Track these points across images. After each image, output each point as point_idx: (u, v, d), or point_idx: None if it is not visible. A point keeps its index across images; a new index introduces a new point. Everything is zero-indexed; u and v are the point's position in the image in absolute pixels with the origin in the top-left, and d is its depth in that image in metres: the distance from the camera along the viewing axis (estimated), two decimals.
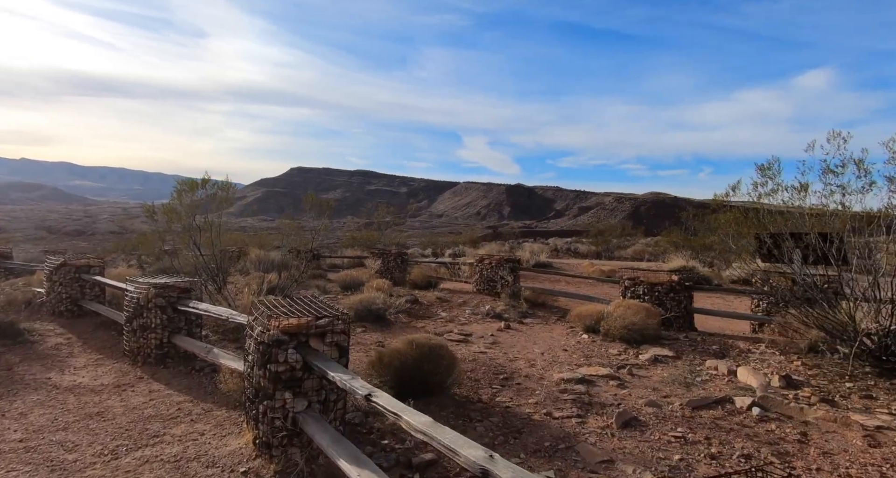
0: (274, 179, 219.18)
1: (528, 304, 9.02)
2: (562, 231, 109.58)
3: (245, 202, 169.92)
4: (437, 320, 8.24)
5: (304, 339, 3.27)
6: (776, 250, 6.34)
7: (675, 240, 17.07)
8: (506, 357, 5.97)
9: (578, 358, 5.93)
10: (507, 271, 9.68)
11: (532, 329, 7.72)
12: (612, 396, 4.53)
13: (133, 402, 4.30)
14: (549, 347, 6.54)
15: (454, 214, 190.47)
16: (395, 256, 11.97)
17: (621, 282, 7.82)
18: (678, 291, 7.10)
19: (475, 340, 6.89)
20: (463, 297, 10.10)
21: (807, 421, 3.72)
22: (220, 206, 7.27)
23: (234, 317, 4.52)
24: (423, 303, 9.42)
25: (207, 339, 6.39)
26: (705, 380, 4.94)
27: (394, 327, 7.67)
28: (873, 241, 5.37)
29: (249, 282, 9.38)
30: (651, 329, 6.48)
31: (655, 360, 5.72)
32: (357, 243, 23.15)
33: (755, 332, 6.96)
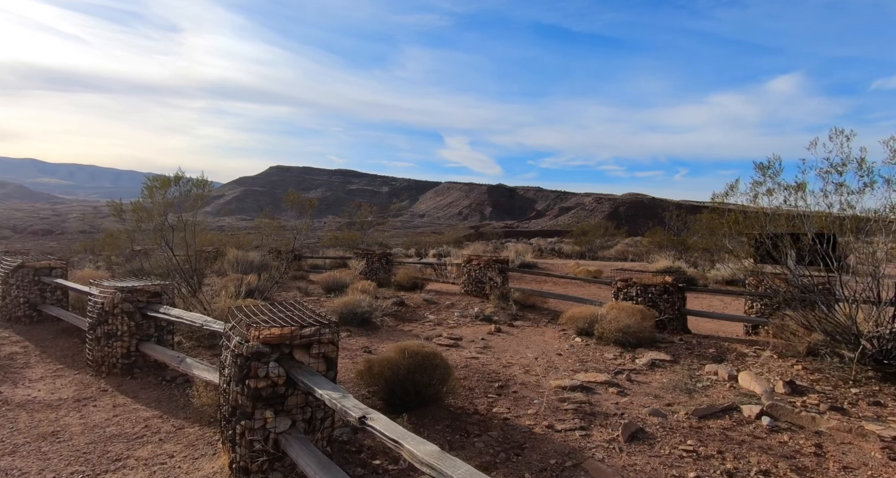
0: (252, 178, 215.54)
1: (518, 306, 8.80)
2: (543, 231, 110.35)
3: (222, 201, 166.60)
4: (425, 324, 7.95)
5: (287, 350, 2.95)
6: (774, 252, 6.24)
7: (659, 240, 17.12)
8: (499, 363, 5.72)
9: (574, 363, 5.71)
10: (495, 272, 9.44)
11: (523, 332, 7.49)
12: (614, 404, 4.31)
13: (94, 419, 3.90)
14: (542, 351, 6.31)
15: (436, 214, 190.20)
16: (379, 256, 11.63)
17: (613, 283, 7.65)
18: (672, 292, 6.96)
19: (466, 345, 6.62)
20: (450, 298, 9.83)
21: (819, 431, 3.55)
22: (196, 204, 6.84)
23: (209, 324, 4.15)
24: (409, 305, 9.11)
25: (180, 346, 5.98)
26: (706, 386, 4.77)
27: (380, 331, 7.35)
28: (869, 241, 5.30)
29: (227, 284, 8.93)
30: (646, 332, 6.31)
31: (653, 364, 5.54)
32: (339, 243, 22.66)
33: (748, 334, 6.86)
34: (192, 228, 7.04)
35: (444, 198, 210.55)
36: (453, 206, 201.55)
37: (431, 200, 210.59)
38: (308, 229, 8.15)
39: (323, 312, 3.56)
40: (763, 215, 5.87)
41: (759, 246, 6.65)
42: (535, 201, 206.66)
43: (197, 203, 6.97)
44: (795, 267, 6.31)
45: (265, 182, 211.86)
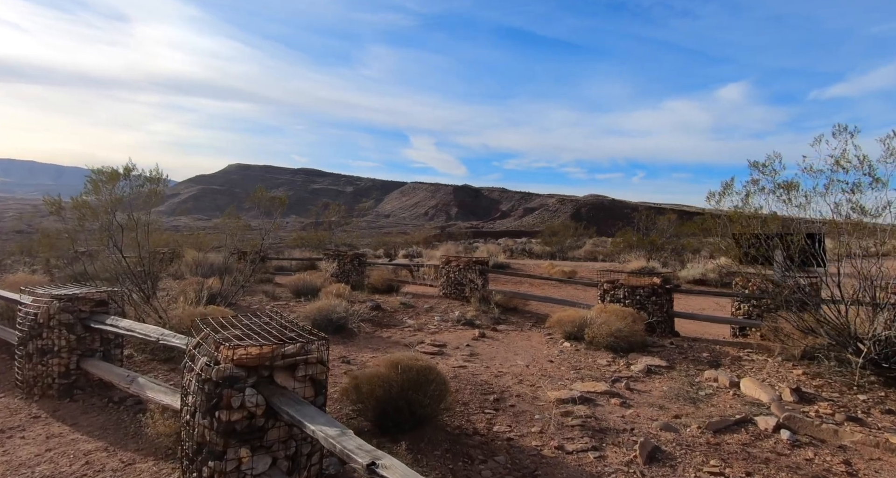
0: (210, 176, 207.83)
1: (500, 309, 8.46)
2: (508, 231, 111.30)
3: (178, 200, 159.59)
4: (405, 329, 7.49)
5: (266, 373, 2.45)
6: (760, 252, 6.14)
7: (629, 240, 17.26)
8: (489, 372, 5.34)
9: (567, 371, 5.40)
10: (476, 274, 9.07)
11: (508, 337, 7.15)
12: (620, 418, 4.00)
13: (21, 455, 3.24)
14: (532, 358, 5.98)
15: (402, 214, 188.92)
16: (351, 258, 11.05)
17: (600, 285, 7.43)
18: (661, 294, 6.79)
19: (451, 352, 6.21)
20: (429, 301, 9.38)
21: (844, 446, 3.35)
22: (150, 201, 6.13)
23: (166, 338, 3.57)
24: (386, 310, 8.61)
25: (131, 361, 5.30)
26: (709, 394, 4.55)
27: (357, 338, 6.84)
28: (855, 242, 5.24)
29: (185, 288, 8.16)
30: (638, 336, 6.09)
31: (649, 371, 5.30)
32: (305, 244, 21.77)
33: (736, 336, 6.76)
34: (144, 227, 6.31)
35: (410, 198, 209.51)
36: (419, 206, 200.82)
37: (397, 201, 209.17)
38: (277, 229, 7.52)
39: (300, 323, 3.08)
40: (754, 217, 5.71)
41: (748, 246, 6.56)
42: (500, 202, 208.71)
43: (151, 200, 6.25)
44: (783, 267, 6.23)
45: (224, 181, 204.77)
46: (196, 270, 10.81)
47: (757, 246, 6.00)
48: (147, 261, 6.81)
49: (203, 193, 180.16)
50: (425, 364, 3.64)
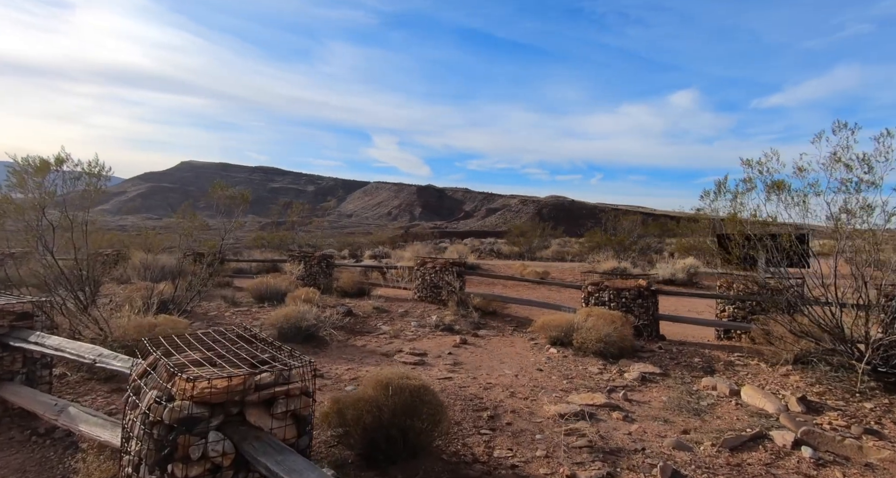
0: (160, 174, 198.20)
1: (479, 313, 8.07)
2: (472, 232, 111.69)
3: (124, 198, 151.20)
4: (380, 336, 6.97)
5: (235, 410, 1.94)
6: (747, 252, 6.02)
7: (598, 241, 17.33)
8: (477, 384, 4.92)
9: (559, 380, 5.06)
10: (453, 276, 8.65)
11: (491, 343, 6.76)
12: (627, 435, 3.68)
13: None
14: (519, 366, 5.62)
15: (364, 214, 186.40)
16: (318, 259, 10.38)
17: (584, 287, 7.16)
18: (647, 296, 6.58)
19: (433, 361, 5.77)
20: (403, 305, 8.88)
21: (870, 464, 3.14)
22: (89, 197, 5.36)
23: (104, 360, 2.96)
24: (358, 315, 8.05)
25: (64, 381, 4.57)
26: (711, 404, 4.31)
27: (330, 348, 6.28)
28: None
29: (132, 295, 7.34)
30: (627, 341, 5.84)
31: (643, 378, 5.04)
32: (265, 245, 20.72)
33: (720, 338, 6.64)
34: (82, 226, 5.53)
35: (373, 198, 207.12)
36: (382, 206, 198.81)
37: (360, 200, 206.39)
38: (240, 228, 6.85)
39: (273, 340, 2.58)
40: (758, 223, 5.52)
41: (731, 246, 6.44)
42: (463, 202, 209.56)
43: (90, 196, 5.47)
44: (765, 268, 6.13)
45: (175, 178, 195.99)
46: (145, 274, 9.88)
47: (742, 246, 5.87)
48: (86, 264, 6.01)
49: (153, 191, 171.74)
50: (419, 384, 3.18)
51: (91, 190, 5.34)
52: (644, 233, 18.46)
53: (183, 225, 6.51)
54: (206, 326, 7.01)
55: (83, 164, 5.31)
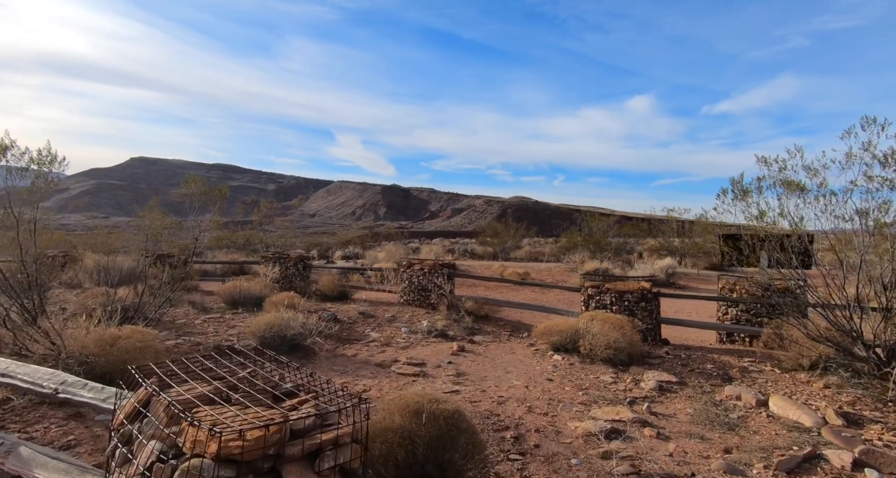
0: (108, 170, 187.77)
1: (472, 317, 7.69)
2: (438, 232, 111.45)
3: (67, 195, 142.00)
4: (371, 345, 6.47)
5: (267, 465, 1.47)
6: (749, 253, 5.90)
7: (575, 241, 17.33)
8: (489, 398, 4.54)
9: (573, 391, 4.75)
10: (443, 279, 8.23)
11: (490, 350, 6.40)
12: (668, 457, 3.38)
13: None
14: (527, 376, 5.27)
15: (328, 214, 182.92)
16: (295, 261, 9.72)
17: (583, 290, 6.90)
18: (650, 299, 6.38)
19: (434, 372, 5.34)
20: (389, 310, 8.39)
21: None
22: (37, 190, 4.62)
23: (70, 390, 2.42)
24: (343, 321, 7.51)
25: (7, 408, 3.87)
26: (742, 417, 4.08)
27: (318, 359, 5.74)
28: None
29: (87, 302, 6.53)
30: (636, 347, 5.60)
31: (661, 388, 4.79)
32: (229, 245, 19.62)
33: (723, 342, 6.52)
34: (29, 224, 4.79)
35: (337, 197, 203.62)
36: (346, 205, 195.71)
37: (323, 199, 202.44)
38: (217, 226, 6.19)
39: (285, 360, 2.12)
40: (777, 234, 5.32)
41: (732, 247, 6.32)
42: (429, 202, 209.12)
43: (40, 190, 4.73)
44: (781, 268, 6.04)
45: (125, 175, 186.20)
46: (99, 278, 8.96)
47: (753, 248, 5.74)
48: (33, 267, 5.23)
49: (99, 188, 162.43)
50: (452, 408, 2.75)
51: (41, 183, 4.61)
52: (618, 234, 18.65)
53: (151, 224, 5.79)
54: (176, 336, 6.32)
55: (31, 153, 4.57)
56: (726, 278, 6.43)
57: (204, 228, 6.04)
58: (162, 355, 4.93)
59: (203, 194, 5.91)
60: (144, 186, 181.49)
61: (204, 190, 5.84)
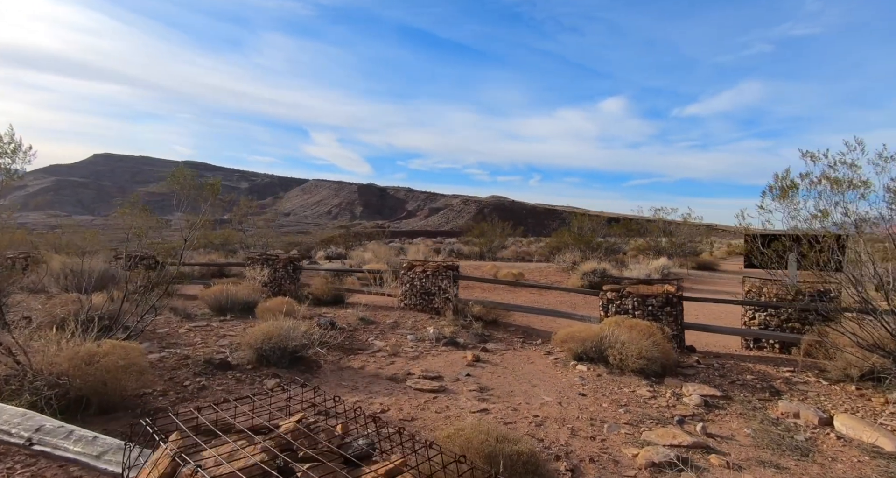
0: (70, 167, 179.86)
1: (480, 322, 7.23)
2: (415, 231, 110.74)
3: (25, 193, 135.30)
4: (377, 355, 5.95)
5: None
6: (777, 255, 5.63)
7: (566, 240, 17.10)
8: (523, 418, 4.09)
9: (612, 408, 4.34)
10: (448, 282, 7.74)
11: (506, 360, 5.95)
12: None
13: None
14: (556, 390, 4.84)
15: (303, 213, 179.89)
16: (284, 263, 9.07)
17: (602, 294, 6.53)
18: (675, 303, 6.05)
19: (453, 387, 4.86)
20: (390, 315, 7.85)
21: None
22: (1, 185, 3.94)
23: (49, 440, 1.86)
24: (343, 328, 6.95)
25: None
26: (809, 439, 3.73)
27: (323, 372, 5.19)
28: None
29: (54, 310, 5.80)
30: (670, 356, 5.25)
31: (706, 404, 4.42)
32: (206, 245, 18.63)
33: (749, 348, 6.24)
34: None
35: (312, 196, 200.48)
36: (322, 204, 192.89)
37: (298, 198, 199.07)
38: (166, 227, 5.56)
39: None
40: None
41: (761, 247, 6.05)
42: (405, 201, 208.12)
43: (2, 184, 4.05)
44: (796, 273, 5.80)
45: (88, 172, 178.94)
46: (67, 283, 8.13)
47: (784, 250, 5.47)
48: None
49: (60, 185, 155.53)
50: (528, 450, 2.28)
51: (2, 175, 3.92)
52: (609, 233, 18.53)
53: (134, 223, 5.09)
54: (160, 348, 5.65)
55: None
56: (752, 281, 6.15)
57: (194, 227, 5.39)
58: (148, 374, 4.31)
59: (192, 189, 5.27)
60: (109, 183, 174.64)
61: (193, 185, 5.20)
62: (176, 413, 1.84)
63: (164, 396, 4.37)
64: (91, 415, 3.85)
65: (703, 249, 23.03)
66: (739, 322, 6.78)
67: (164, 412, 4.13)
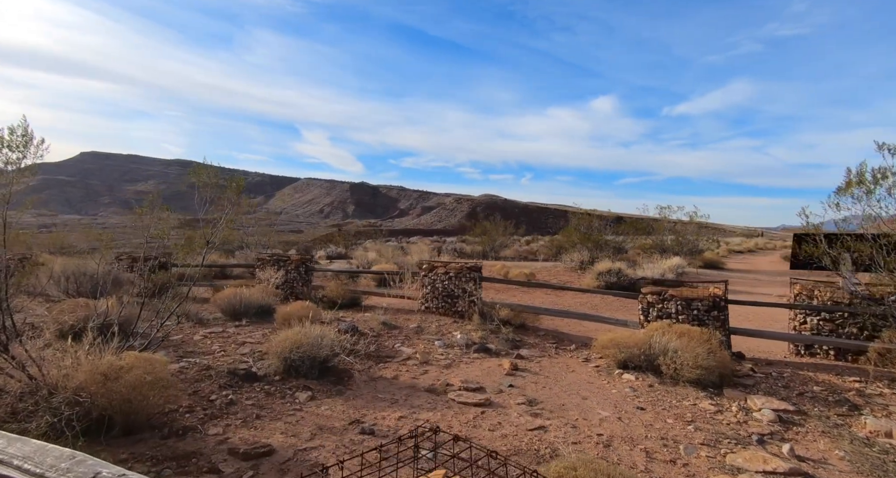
0: (57, 165, 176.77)
1: (509, 327, 6.91)
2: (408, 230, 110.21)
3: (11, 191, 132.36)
4: (408, 363, 5.60)
5: None
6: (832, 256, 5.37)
7: (573, 239, 16.82)
8: (585, 436, 3.77)
9: (679, 425, 4.03)
10: (473, 284, 7.41)
11: (544, 368, 5.63)
12: None
13: None
14: (610, 403, 4.53)
15: (295, 212, 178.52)
16: (296, 264, 8.67)
17: (642, 297, 6.24)
18: (722, 307, 5.77)
19: (499, 400, 4.53)
20: (411, 318, 7.50)
21: None
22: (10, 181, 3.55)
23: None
24: (366, 333, 6.59)
25: None
26: None
27: (356, 383, 4.83)
28: None
29: (62, 317, 5.38)
30: (726, 365, 4.96)
31: (780, 419, 4.13)
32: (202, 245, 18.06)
33: (801, 354, 5.95)
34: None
35: (304, 194, 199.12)
36: (314, 203, 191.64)
37: (289, 197, 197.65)
38: (232, 224, 5.18)
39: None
40: None
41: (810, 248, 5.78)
42: (398, 200, 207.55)
43: (11, 179, 3.65)
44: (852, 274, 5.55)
45: (76, 170, 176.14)
46: (67, 286, 7.68)
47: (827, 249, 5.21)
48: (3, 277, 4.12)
49: (47, 184, 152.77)
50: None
51: (12, 170, 3.52)
52: (617, 232, 18.29)
53: (161, 224, 4.68)
54: (177, 357, 5.26)
55: (2, 132, 3.47)
56: (801, 283, 5.88)
57: (219, 227, 5.00)
58: (177, 390, 3.93)
59: (214, 187, 4.88)
60: (97, 182, 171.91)
61: (215, 182, 4.81)
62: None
63: (190, 412, 3.99)
64: (115, 437, 3.47)
65: (707, 248, 22.92)
66: (779, 325, 6.52)
67: (194, 432, 3.77)
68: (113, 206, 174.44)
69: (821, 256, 5.07)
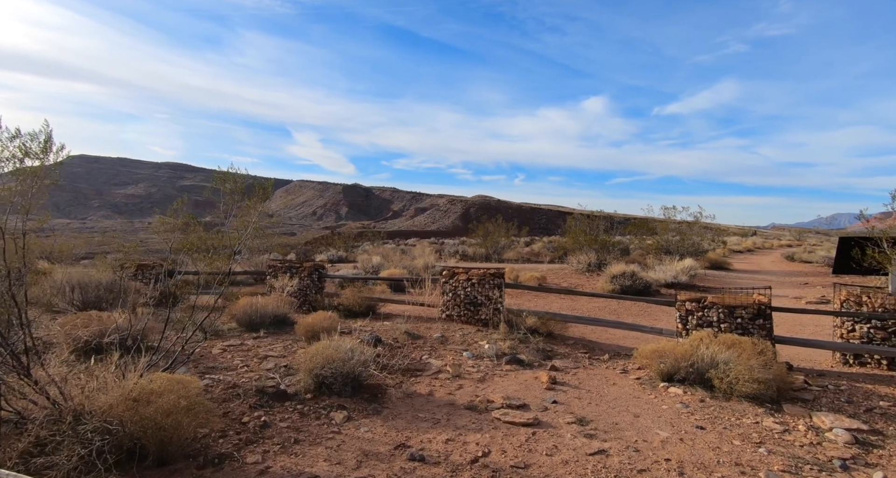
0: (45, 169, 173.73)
1: (539, 336, 6.66)
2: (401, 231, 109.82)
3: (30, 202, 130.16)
4: (440, 377, 5.33)
5: None
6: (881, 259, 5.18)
7: (580, 240, 16.61)
8: (651, 462, 3.51)
9: (748, 448, 3.75)
10: (498, 291, 7.15)
11: (583, 381, 5.39)
12: None
13: None
14: (665, 421, 4.28)
15: (287, 214, 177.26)
16: (309, 271, 8.36)
17: (679, 305, 6.02)
18: (767, 315, 5.56)
19: (546, 418, 4.27)
20: (432, 327, 7.22)
21: None
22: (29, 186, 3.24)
23: None
24: (390, 344, 6.31)
25: None
26: None
27: (392, 401, 4.55)
28: None
29: (75, 332, 5.05)
30: (784, 378, 4.73)
31: (857, 441, 3.89)
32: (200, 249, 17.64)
33: (850, 364, 5.75)
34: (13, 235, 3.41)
35: (296, 197, 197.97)
36: (306, 205, 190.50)
37: (281, 199, 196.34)
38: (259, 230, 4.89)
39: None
40: None
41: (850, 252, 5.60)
42: (391, 202, 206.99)
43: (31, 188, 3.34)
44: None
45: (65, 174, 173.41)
46: (72, 296, 7.32)
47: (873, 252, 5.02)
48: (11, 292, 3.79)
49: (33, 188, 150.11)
50: None
51: (34, 178, 3.22)
52: (623, 233, 18.14)
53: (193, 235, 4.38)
54: (199, 373, 4.95)
55: (22, 137, 3.17)
56: (848, 289, 5.70)
57: (244, 236, 4.71)
58: (214, 416, 3.62)
59: (240, 193, 4.59)
60: (86, 186, 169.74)
61: (240, 188, 4.52)
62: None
63: (223, 437, 3.69)
64: (148, 467, 3.17)
65: (709, 248, 22.87)
66: (807, 331, 6.34)
67: (231, 460, 3.48)
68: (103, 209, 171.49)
69: (882, 261, 4.88)
